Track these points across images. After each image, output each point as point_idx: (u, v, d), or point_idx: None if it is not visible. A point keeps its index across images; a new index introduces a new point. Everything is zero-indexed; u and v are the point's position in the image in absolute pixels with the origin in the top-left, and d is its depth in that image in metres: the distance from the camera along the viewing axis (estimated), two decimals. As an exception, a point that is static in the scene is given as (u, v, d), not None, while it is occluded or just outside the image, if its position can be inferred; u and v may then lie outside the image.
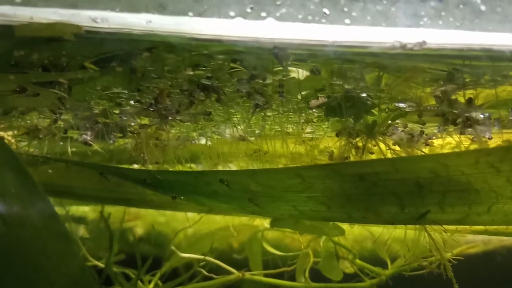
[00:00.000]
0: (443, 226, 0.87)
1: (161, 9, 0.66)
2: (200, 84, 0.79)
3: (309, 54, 0.75)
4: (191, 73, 0.77)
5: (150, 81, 0.83)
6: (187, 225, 1.41)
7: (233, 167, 1.25)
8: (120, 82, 0.86)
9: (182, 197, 1.07)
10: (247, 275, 1.41)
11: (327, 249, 1.28)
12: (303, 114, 0.96)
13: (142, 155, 1.20)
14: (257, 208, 0.96)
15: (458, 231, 0.93)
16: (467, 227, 0.97)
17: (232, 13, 0.67)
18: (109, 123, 1.11)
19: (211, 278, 1.41)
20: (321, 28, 0.72)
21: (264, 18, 0.67)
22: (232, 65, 0.78)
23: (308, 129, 1.07)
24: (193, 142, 1.20)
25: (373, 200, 0.85)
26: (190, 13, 0.70)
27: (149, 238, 1.91)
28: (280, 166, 1.17)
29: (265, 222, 1.43)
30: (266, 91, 0.82)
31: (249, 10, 0.67)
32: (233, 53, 0.73)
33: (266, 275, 1.45)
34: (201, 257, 1.37)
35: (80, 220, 1.76)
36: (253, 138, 1.11)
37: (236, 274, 1.41)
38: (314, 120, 1.01)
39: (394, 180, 0.81)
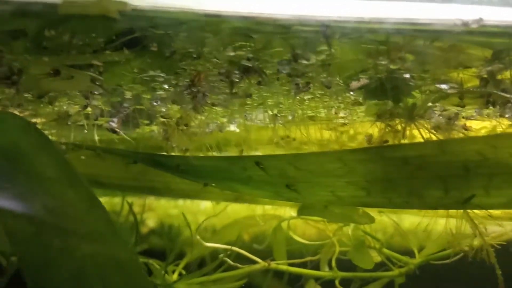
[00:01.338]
0: (488, 210, 0.85)
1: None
2: (241, 66, 0.76)
3: (353, 33, 0.73)
4: (232, 54, 0.74)
5: (188, 63, 0.81)
6: (211, 215, 1.39)
7: (258, 154, 1.24)
8: (157, 64, 0.84)
9: (214, 184, 1.05)
10: (273, 264, 1.39)
11: (357, 238, 1.26)
12: (339, 98, 0.93)
13: (169, 142, 1.18)
14: (293, 194, 0.94)
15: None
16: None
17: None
18: (138, 109, 1.09)
19: (236, 268, 1.39)
20: (369, 5, 0.70)
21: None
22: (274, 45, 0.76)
23: (341, 114, 1.04)
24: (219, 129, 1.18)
25: (417, 184, 0.83)
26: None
27: (162, 230, 1.90)
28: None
29: (291, 211, 1.41)
30: (307, 72, 0.80)
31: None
32: (275, 32, 0.70)
33: (290, 265, 1.44)
34: (227, 247, 1.35)
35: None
36: (281, 123, 1.09)
37: (261, 263, 1.40)
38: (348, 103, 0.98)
39: (440, 163, 0.79)
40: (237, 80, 0.80)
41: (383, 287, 1.37)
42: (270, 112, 1.02)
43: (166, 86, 0.91)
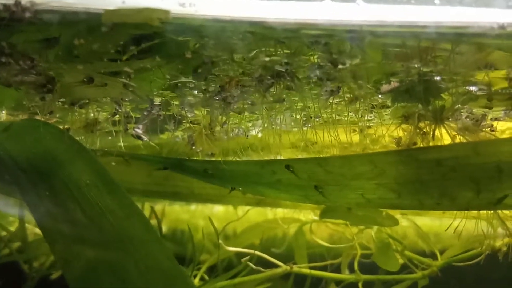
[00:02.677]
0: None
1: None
2: (274, 71, 0.77)
3: (384, 36, 0.74)
4: (267, 59, 0.75)
5: (220, 69, 0.82)
6: (235, 219, 1.40)
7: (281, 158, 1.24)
8: (188, 70, 0.85)
9: (241, 188, 1.06)
10: (295, 268, 1.40)
11: (381, 240, 1.27)
12: (366, 101, 0.94)
13: (193, 147, 1.19)
14: (322, 197, 0.95)
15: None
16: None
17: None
18: (162, 115, 1.10)
19: (257, 271, 1.39)
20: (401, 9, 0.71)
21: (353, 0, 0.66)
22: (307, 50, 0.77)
23: (367, 117, 1.05)
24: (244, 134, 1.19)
25: (449, 186, 0.83)
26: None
27: (174, 236, 1.90)
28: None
29: (312, 215, 1.42)
30: (339, 76, 0.80)
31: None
32: (313, 36, 0.71)
33: (311, 268, 1.44)
34: (250, 251, 1.36)
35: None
36: (305, 127, 1.10)
37: (283, 267, 1.40)
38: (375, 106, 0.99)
39: (473, 165, 0.80)
40: (268, 85, 0.81)
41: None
42: (297, 116, 1.03)
43: (195, 92, 0.92)
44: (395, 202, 0.90)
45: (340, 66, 0.75)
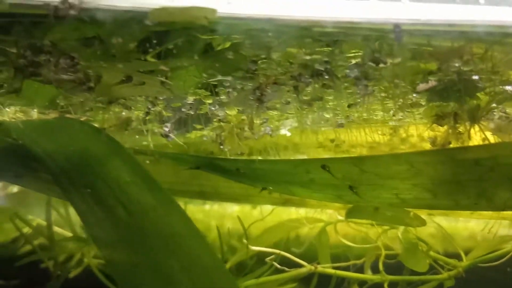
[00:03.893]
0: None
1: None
2: (314, 70, 0.77)
3: (428, 35, 0.74)
4: (308, 57, 0.75)
5: (258, 68, 0.82)
6: (260, 218, 1.40)
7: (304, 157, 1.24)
8: (225, 69, 0.85)
9: (271, 187, 1.06)
10: (319, 268, 1.39)
11: (408, 241, 1.26)
12: (400, 100, 0.94)
13: (221, 146, 1.20)
14: (355, 196, 0.95)
15: None
16: None
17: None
18: (192, 114, 1.11)
19: (281, 271, 1.39)
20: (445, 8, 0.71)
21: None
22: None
23: (398, 116, 1.05)
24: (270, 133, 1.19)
25: (486, 186, 0.82)
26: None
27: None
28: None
29: (337, 215, 1.41)
30: (378, 75, 0.80)
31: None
32: (356, 35, 0.71)
33: (335, 268, 1.44)
34: (275, 251, 1.36)
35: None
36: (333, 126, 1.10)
37: (307, 267, 1.40)
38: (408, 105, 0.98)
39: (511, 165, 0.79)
40: (305, 83, 0.81)
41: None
42: (328, 115, 1.03)
43: (230, 91, 0.92)
44: (430, 202, 0.90)
45: (380, 65, 0.75)
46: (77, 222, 1.52)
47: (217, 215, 1.88)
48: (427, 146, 1.04)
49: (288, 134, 1.19)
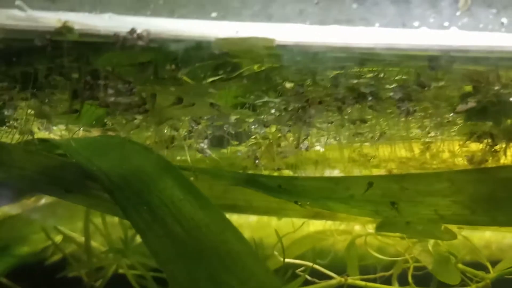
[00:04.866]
0: None
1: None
2: (360, 92, 0.81)
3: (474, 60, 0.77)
4: (355, 81, 0.79)
5: (304, 90, 0.86)
6: (291, 230, 1.43)
7: (335, 173, 1.28)
8: (270, 90, 0.89)
9: (308, 203, 1.09)
10: (349, 280, 1.42)
11: (439, 253, 1.29)
12: (438, 119, 0.97)
13: (257, 161, 1.23)
14: (393, 212, 0.98)
15: None
16: None
17: (416, 23, 0.69)
18: (232, 131, 1.15)
19: (312, 283, 1.42)
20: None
21: (447, 27, 0.69)
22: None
23: (432, 133, 1.08)
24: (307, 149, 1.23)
25: (524, 203, 0.85)
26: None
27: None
28: (383, 171, 1.19)
29: (367, 228, 1.44)
30: (420, 97, 0.84)
31: (431, 20, 0.69)
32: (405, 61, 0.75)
33: (363, 280, 1.46)
34: (307, 263, 1.38)
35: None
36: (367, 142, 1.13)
37: (337, 279, 1.43)
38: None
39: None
40: (349, 104, 0.85)
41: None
42: (363, 132, 1.06)
43: (273, 111, 0.96)
44: (468, 218, 0.92)
45: (425, 88, 0.78)
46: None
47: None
48: (460, 163, 1.07)
49: (322, 149, 1.22)
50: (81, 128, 1.11)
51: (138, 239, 1.49)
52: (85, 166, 0.88)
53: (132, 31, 0.67)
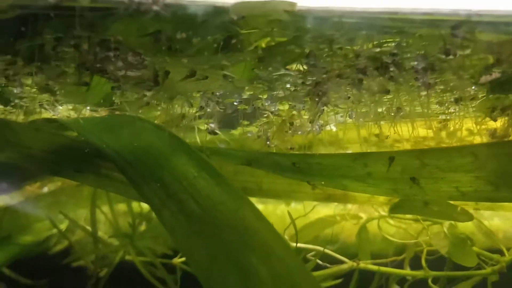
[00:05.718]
0: None
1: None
2: (382, 62, 0.77)
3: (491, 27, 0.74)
4: (378, 50, 0.76)
5: (323, 61, 0.82)
6: (302, 214, 1.40)
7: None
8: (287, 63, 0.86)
9: (323, 182, 1.06)
10: (361, 264, 1.39)
11: (456, 236, 1.26)
12: (457, 92, 0.94)
13: (268, 142, 1.20)
14: (411, 190, 0.95)
15: None
16: None
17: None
18: (241, 109, 1.11)
19: (323, 267, 1.40)
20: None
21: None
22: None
23: (451, 109, 1.04)
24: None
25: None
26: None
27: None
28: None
29: (380, 210, 1.41)
30: (443, 67, 0.80)
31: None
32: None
33: (375, 264, 1.44)
34: (318, 247, 1.36)
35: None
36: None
37: (349, 263, 1.40)
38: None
39: None
40: (372, 76, 0.81)
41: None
42: (380, 110, 1.03)
43: (288, 86, 0.93)
44: (491, 195, 0.89)
45: (450, 57, 0.75)
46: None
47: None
48: (477, 140, 1.04)
49: (334, 129, 1.19)
50: (88, 108, 1.08)
51: (144, 225, 1.46)
52: (95, 144, 0.85)
53: (146, -6, 0.63)
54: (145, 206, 1.46)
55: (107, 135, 0.88)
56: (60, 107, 1.08)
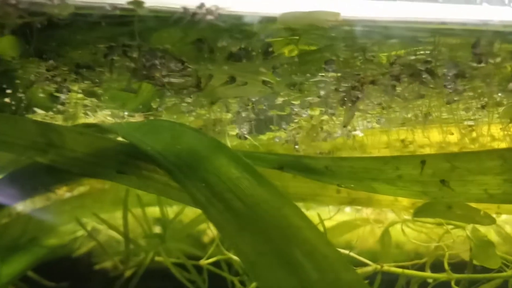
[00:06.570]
0: None
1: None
2: (415, 69, 0.81)
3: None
4: (412, 57, 0.80)
5: (358, 68, 0.86)
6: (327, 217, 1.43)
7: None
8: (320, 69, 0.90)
9: (352, 185, 1.10)
10: (385, 267, 1.42)
11: (479, 238, 1.29)
12: (484, 99, 0.98)
13: (296, 146, 1.24)
14: (441, 192, 0.98)
15: None
16: None
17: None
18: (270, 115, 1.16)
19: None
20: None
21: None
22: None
23: (477, 116, 1.08)
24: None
25: None
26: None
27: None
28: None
29: (404, 214, 1.44)
30: (474, 74, 0.84)
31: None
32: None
33: (398, 267, 1.46)
34: (342, 250, 1.39)
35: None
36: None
37: (373, 266, 1.43)
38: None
39: None
40: (406, 83, 0.85)
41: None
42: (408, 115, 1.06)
43: (322, 92, 0.97)
44: (519, 197, 0.92)
45: (482, 64, 0.79)
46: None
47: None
48: (502, 145, 1.07)
49: (361, 134, 1.22)
50: (126, 113, 1.13)
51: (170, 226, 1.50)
52: (139, 147, 0.89)
53: (202, 5, 0.68)
54: (172, 210, 1.51)
55: (150, 138, 0.92)
56: (100, 112, 1.13)
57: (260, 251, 0.72)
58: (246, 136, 1.20)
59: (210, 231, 1.78)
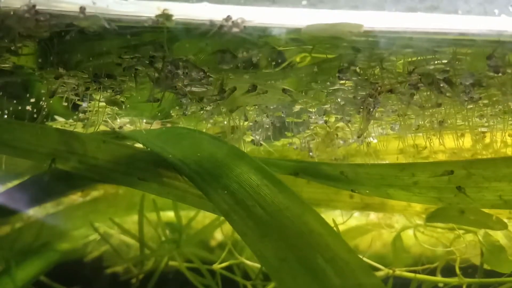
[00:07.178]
0: None
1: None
2: (433, 78, 0.83)
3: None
4: (432, 67, 0.81)
5: (375, 77, 0.88)
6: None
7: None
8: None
9: (368, 191, 1.11)
10: (397, 271, 1.44)
11: (491, 243, 1.30)
12: (500, 106, 0.99)
13: (310, 154, 1.26)
14: (455, 199, 0.99)
15: None
16: None
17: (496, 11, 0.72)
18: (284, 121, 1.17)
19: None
20: None
21: None
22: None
23: (491, 122, 1.09)
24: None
25: None
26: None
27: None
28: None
29: (417, 219, 1.46)
30: (490, 83, 0.86)
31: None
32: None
33: (410, 272, 1.48)
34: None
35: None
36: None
37: (385, 270, 1.44)
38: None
39: None
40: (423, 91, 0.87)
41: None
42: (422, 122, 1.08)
43: (339, 100, 0.99)
44: (534, 203, 0.94)
45: (499, 74, 0.80)
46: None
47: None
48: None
49: (375, 141, 1.24)
50: (144, 121, 1.15)
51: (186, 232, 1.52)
52: (160, 154, 0.91)
53: (228, 18, 0.70)
54: (187, 215, 1.52)
55: (170, 145, 0.94)
56: (118, 120, 1.15)
57: (283, 257, 0.74)
58: (261, 142, 1.22)
59: (218, 235, 1.80)
